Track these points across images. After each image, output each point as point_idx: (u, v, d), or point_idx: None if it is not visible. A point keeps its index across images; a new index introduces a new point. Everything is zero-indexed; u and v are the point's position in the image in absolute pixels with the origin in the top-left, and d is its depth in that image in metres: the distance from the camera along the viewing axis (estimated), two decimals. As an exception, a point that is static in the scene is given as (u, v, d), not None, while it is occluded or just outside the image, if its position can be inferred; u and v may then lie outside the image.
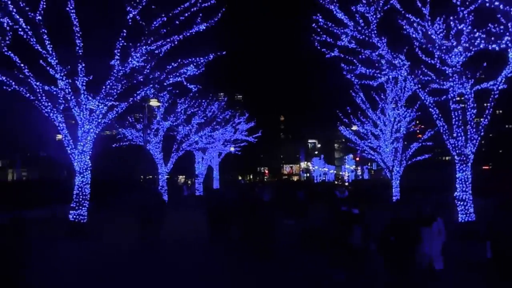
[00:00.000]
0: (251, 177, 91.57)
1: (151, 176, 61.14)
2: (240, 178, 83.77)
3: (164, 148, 25.28)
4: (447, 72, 16.20)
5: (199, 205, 30.51)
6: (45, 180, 28.63)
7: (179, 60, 15.51)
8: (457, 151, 15.26)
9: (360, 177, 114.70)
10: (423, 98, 16.12)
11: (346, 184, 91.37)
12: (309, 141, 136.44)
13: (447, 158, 72.72)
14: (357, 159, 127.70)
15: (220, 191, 22.76)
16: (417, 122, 25.96)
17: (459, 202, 15.20)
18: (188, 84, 17.61)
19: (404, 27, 16.38)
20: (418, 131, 29.95)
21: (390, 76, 17.96)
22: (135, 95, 16.13)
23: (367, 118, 25.87)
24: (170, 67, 15.69)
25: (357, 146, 27.82)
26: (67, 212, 15.42)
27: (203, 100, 26.49)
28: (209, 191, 22.98)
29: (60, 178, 33.00)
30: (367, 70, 16.91)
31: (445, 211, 21.23)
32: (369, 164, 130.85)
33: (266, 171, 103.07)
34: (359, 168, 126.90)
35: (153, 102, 19.87)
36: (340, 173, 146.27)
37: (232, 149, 42.14)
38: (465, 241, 13.28)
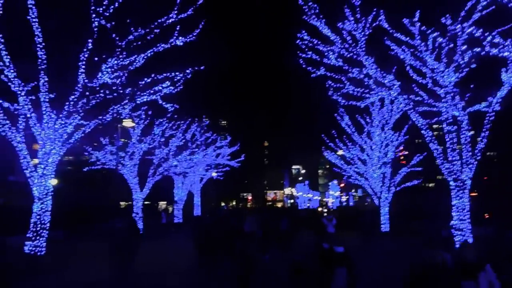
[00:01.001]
0: (234, 203, 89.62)
1: (130, 202, 59.23)
2: (223, 204, 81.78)
3: (140, 172, 23.72)
4: (438, 92, 15.36)
5: (179, 233, 28.87)
6: (9, 207, 26.57)
7: (153, 76, 14.25)
8: (453, 177, 14.21)
9: (345, 203, 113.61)
10: (414, 119, 15.15)
11: (331, 210, 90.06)
12: (293, 167, 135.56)
13: (430, 185, 72.97)
14: (342, 185, 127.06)
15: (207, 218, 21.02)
16: (401, 149, 24.92)
17: (456, 232, 14.05)
18: (164, 103, 16.32)
19: (392, 47, 15.61)
20: (401, 157, 28.97)
21: (378, 97, 17.00)
22: (104, 113, 14.79)
23: (353, 142, 24.87)
24: (143, 82, 14.40)
25: (343, 172, 26.69)
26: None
27: (182, 122, 25.16)
28: (196, 219, 21.30)
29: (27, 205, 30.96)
30: (355, 89, 15.94)
31: (440, 242, 20.26)
32: (353, 190, 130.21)
33: (250, 197, 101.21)
34: (343, 194, 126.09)
35: (127, 123, 18.48)
36: (324, 199, 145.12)
37: (214, 174, 40.72)
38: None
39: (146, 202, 61.84)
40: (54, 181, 43.09)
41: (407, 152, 24.72)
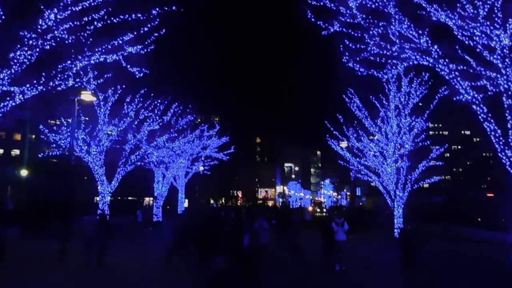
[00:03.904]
0: (223, 200, 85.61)
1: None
2: (212, 202, 77.77)
3: (108, 161, 19.70)
4: (489, 59, 11.64)
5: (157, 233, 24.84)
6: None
7: (106, 18, 10.30)
8: (517, 167, 10.49)
9: (338, 203, 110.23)
10: (463, 92, 11.39)
11: (333, 207, 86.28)
12: (286, 164, 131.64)
13: (425, 185, 69.69)
14: (336, 183, 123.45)
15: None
16: (422, 138, 21.06)
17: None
18: (129, 67, 12.44)
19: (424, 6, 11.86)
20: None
21: (409, 63, 13.04)
22: (42, 76, 10.85)
23: (365, 131, 21.03)
24: (92, 27, 10.45)
25: (350, 166, 22.77)
26: None
27: (159, 101, 21.11)
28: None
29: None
30: (380, 51, 12.10)
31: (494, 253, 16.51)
32: (344, 190, 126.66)
33: (240, 195, 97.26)
34: (338, 193, 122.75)
35: (86, 96, 14.43)
36: (316, 198, 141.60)
37: (201, 168, 36.81)
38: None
39: (130, 198, 57.90)
40: (24, 172, 38.47)
41: (429, 142, 20.81)
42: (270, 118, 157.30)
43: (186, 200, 51.05)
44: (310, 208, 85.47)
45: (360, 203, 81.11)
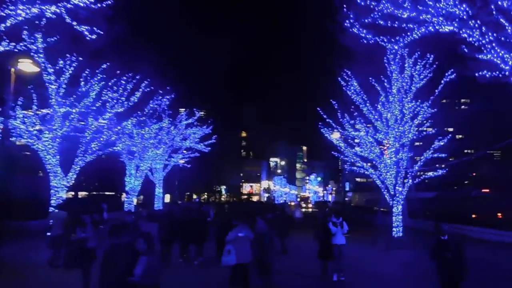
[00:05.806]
0: (206, 196, 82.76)
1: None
2: (195, 197, 74.91)
3: (64, 149, 16.86)
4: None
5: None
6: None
7: None
8: None
9: (325, 198, 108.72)
10: (499, 61, 8.94)
11: (310, 206, 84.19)
12: (271, 159, 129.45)
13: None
14: (319, 178, 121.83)
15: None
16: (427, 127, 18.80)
17: None
18: (75, 24, 9.72)
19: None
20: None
21: (428, 28, 10.46)
22: None
23: (363, 117, 18.54)
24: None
25: (344, 157, 20.26)
26: None
27: (124, 79, 18.28)
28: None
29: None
30: (397, 10, 9.58)
31: None
32: (329, 185, 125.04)
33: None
34: (325, 188, 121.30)
35: (25, 64, 11.59)
36: (301, 193, 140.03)
37: (181, 161, 34.02)
38: None
39: (107, 193, 54.73)
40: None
41: (434, 131, 18.61)
42: (256, 112, 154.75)
43: (168, 196, 48.04)
44: (293, 203, 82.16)
45: (346, 198, 79.12)
